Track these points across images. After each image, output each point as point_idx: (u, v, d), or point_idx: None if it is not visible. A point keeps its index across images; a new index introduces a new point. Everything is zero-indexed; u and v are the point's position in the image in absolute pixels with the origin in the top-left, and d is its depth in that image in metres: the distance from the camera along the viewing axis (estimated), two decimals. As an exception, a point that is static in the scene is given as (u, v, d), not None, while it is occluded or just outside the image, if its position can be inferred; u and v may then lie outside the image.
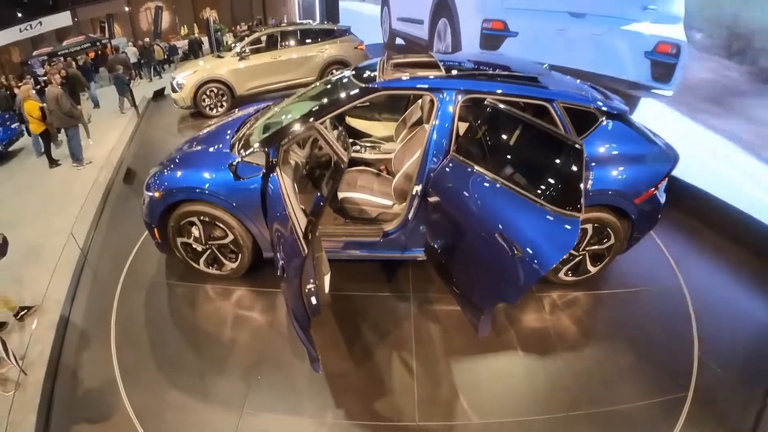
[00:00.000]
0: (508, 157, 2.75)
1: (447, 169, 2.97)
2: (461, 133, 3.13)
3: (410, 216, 3.30)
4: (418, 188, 3.19)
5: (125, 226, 4.99)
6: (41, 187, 7.32)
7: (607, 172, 3.20)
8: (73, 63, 13.69)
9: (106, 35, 32.29)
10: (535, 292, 3.67)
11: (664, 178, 3.34)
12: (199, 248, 3.71)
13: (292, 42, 9.68)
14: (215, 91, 8.89)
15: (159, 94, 12.39)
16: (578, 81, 3.90)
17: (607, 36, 5.81)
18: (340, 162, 2.76)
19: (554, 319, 3.47)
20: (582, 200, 2.26)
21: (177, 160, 3.79)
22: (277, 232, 2.69)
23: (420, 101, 4.01)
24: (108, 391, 2.99)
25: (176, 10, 39.28)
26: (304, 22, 12.71)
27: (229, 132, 4.04)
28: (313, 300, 2.38)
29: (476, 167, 2.75)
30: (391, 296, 3.66)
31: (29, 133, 8.65)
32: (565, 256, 2.41)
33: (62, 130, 7.56)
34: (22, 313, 3.68)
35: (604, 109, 3.27)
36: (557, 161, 2.44)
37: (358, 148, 4.42)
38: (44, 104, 7.51)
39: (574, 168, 2.29)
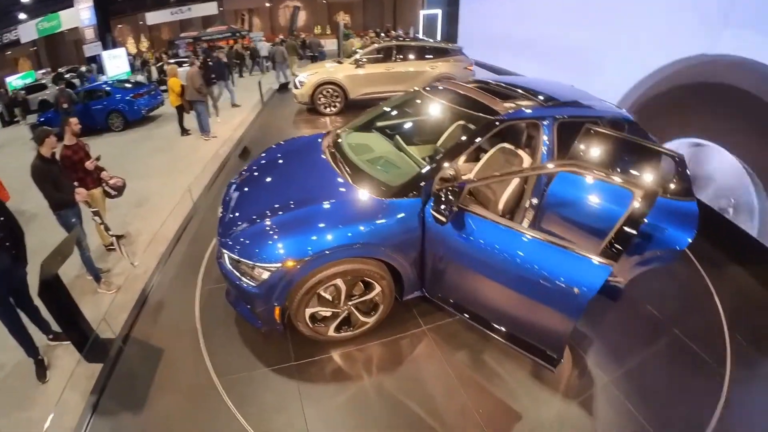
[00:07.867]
0: (615, 163, 3.46)
1: (564, 179, 3.28)
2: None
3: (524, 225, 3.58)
4: (534, 200, 3.54)
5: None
6: (172, 150, 9.06)
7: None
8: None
9: (246, 27, 35.95)
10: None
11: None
12: (330, 313, 3.38)
13: (406, 56, 10.47)
14: (330, 92, 10.02)
15: (284, 87, 14.03)
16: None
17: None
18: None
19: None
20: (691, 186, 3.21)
21: (299, 218, 3.20)
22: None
23: (454, 126, 4.62)
24: (186, 317, 3.84)
25: (313, 12, 42.72)
26: (424, 38, 13.42)
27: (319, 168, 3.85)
28: None
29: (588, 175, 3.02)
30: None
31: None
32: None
33: (193, 106, 9.21)
34: (111, 248, 4.91)
35: (625, 117, 4.07)
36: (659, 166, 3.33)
37: None
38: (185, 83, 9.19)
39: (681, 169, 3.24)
